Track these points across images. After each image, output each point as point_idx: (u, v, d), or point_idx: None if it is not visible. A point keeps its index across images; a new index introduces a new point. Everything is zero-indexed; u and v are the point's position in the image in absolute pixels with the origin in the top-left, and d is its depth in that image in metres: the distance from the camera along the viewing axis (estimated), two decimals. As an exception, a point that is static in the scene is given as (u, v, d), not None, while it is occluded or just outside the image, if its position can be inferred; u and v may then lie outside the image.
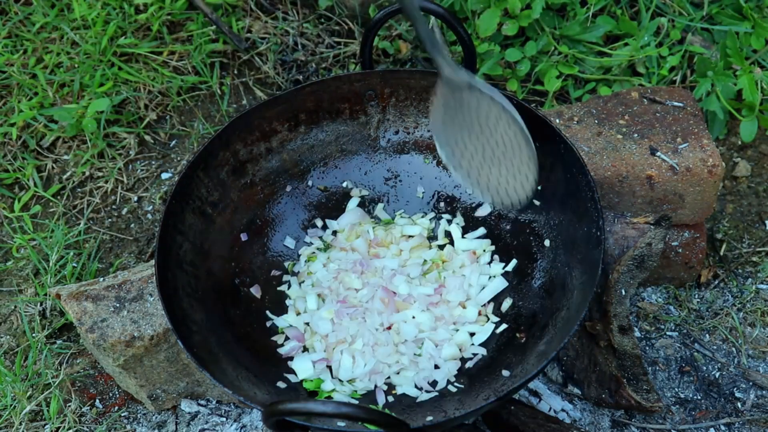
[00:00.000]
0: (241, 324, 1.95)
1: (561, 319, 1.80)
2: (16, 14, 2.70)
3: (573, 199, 1.90)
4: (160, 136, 2.58)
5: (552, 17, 2.49)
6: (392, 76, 2.08)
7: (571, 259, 1.88)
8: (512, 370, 1.80)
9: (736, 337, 2.21)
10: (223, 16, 2.69)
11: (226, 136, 2.00)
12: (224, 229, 2.02)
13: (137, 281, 2.03)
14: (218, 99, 2.62)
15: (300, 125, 2.10)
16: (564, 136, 1.90)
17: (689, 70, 2.47)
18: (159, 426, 2.13)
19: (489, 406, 1.67)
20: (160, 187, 2.49)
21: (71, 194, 2.48)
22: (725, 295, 2.29)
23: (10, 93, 2.60)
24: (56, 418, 2.12)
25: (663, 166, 2.09)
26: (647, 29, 2.44)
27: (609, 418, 2.08)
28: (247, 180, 2.07)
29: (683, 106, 2.20)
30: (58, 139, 2.55)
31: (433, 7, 2.00)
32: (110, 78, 2.55)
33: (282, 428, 1.55)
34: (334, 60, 2.67)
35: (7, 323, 2.30)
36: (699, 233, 2.21)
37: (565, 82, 2.49)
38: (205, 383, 2.11)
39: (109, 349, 1.96)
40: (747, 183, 2.44)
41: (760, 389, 2.12)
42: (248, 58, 2.67)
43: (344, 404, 1.47)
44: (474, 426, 1.97)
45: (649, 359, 2.16)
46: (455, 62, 1.84)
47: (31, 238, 2.38)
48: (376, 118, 2.13)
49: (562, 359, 2.07)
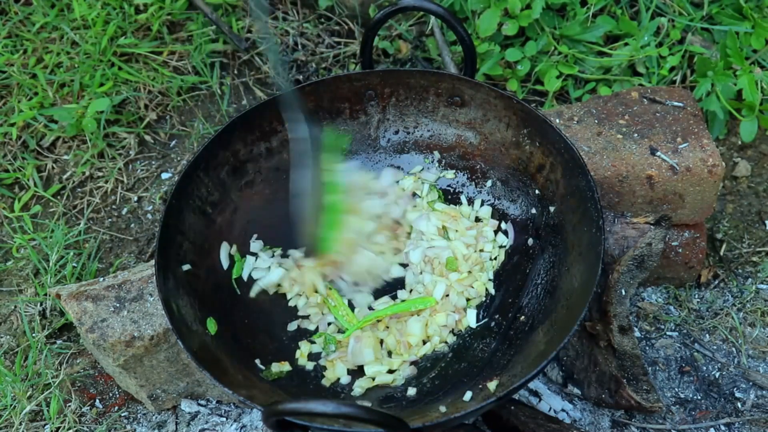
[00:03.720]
0: (241, 324, 1.95)
1: (561, 319, 1.80)
2: (16, 14, 2.70)
3: (573, 199, 1.90)
4: (160, 136, 2.58)
5: (552, 17, 2.49)
6: (392, 76, 2.08)
7: (571, 258, 1.88)
8: (512, 370, 1.80)
9: (736, 337, 2.21)
10: (223, 16, 2.69)
11: (226, 136, 2.00)
12: (224, 229, 2.02)
13: (137, 281, 2.03)
14: (218, 99, 2.62)
15: (300, 125, 2.10)
16: (564, 136, 1.90)
17: (689, 70, 2.47)
18: (159, 426, 2.13)
19: (489, 406, 1.67)
20: (160, 187, 2.49)
21: (71, 194, 2.48)
22: (725, 295, 2.29)
23: (10, 93, 2.60)
24: (56, 418, 2.12)
25: (663, 166, 2.09)
26: (647, 29, 2.44)
27: (609, 418, 2.08)
28: (247, 180, 2.07)
29: (683, 106, 2.20)
30: (58, 139, 2.55)
31: (433, 7, 2.00)
32: (110, 78, 2.55)
33: (282, 428, 1.55)
34: (334, 60, 2.67)
35: (7, 323, 2.30)
36: (699, 233, 2.22)
37: (565, 82, 2.49)
38: (205, 383, 2.11)
39: (109, 349, 1.96)
40: (747, 183, 2.44)
41: (760, 389, 2.12)
42: (248, 58, 2.67)
43: (344, 404, 1.47)
44: (474, 426, 1.97)
45: (649, 359, 2.16)
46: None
47: (31, 238, 2.38)
48: (376, 118, 2.13)
49: (562, 359, 2.07)
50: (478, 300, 1.99)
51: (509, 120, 2.02)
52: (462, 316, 1.96)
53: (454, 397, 1.78)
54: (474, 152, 2.10)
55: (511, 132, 2.03)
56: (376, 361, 1.91)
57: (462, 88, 2.05)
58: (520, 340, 1.86)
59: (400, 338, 1.93)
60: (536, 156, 2.00)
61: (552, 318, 1.84)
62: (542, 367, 1.65)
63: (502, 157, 2.07)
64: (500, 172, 2.07)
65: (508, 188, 2.07)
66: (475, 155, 2.10)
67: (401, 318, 1.96)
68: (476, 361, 1.89)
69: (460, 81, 2.05)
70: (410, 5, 2.04)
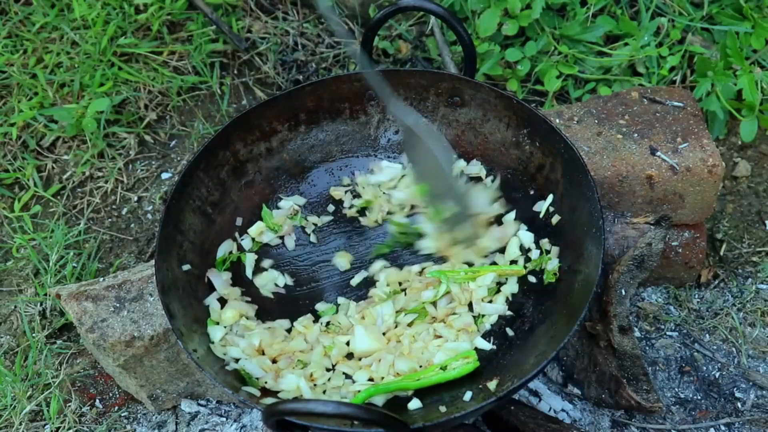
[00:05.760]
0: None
1: (561, 319, 1.80)
2: (16, 14, 2.70)
3: (573, 199, 1.90)
4: (160, 136, 2.58)
5: (552, 17, 2.49)
6: (392, 76, 2.08)
7: (571, 259, 1.88)
8: (512, 370, 1.80)
9: (736, 337, 2.21)
10: (223, 16, 2.69)
11: (226, 136, 2.00)
12: (224, 229, 2.02)
13: (137, 281, 2.03)
14: (218, 99, 2.62)
15: (300, 125, 2.10)
16: (564, 136, 1.90)
17: (689, 70, 2.47)
18: (159, 426, 2.13)
19: (489, 406, 1.66)
20: (160, 187, 2.49)
21: (71, 194, 2.48)
22: (725, 295, 2.29)
23: (10, 93, 2.60)
24: (56, 418, 2.12)
25: (663, 166, 2.09)
26: (647, 29, 2.44)
27: (609, 418, 2.08)
28: (247, 180, 2.07)
29: (683, 106, 2.20)
30: (58, 139, 2.55)
31: (433, 7, 2.00)
32: (110, 78, 2.55)
33: (282, 428, 1.55)
34: (334, 60, 2.67)
35: (7, 323, 2.30)
36: (699, 233, 2.21)
37: (565, 82, 2.49)
38: (205, 383, 2.11)
39: (109, 349, 1.96)
40: (747, 183, 2.44)
41: (760, 389, 2.12)
42: (248, 58, 2.67)
43: (344, 404, 1.47)
44: (474, 426, 1.97)
45: (649, 359, 2.16)
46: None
47: (31, 238, 2.38)
48: (376, 117, 2.13)
49: (562, 359, 2.07)
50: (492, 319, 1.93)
51: (509, 120, 2.02)
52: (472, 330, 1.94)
53: (454, 397, 1.77)
54: (474, 152, 2.10)
55: (511, 132, 2.03)
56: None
57: (462, 88, 2.05)
58: (520, 340, 1.86)
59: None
60: (536, 156, 2.00)
61: (552, 318, 1.84)
62: (542, 367, 1.65)
63: (502, 157, 2.07)
64: (500, 172, 2.07)
65: (508, 188, 2.06)
66: (475, 155, 2.10)
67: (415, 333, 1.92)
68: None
69: (460, 81, 2.05)
70: (410, 5, 2.04)
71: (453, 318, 1.90)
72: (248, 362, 1.79)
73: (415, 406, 1.76)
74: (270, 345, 1.85)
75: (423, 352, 1.85)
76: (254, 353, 1.82)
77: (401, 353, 1.84)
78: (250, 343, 1.83)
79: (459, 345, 1.85)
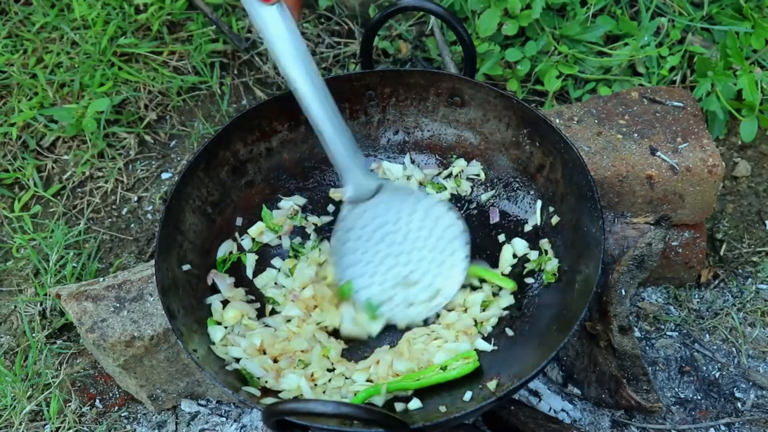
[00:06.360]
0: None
1: (561, 318, 1.80)
2: (16, 14, 2.70)
3: (573, 199, 1.90)
4: (160, 136, 2.58)
5: (552, 17, 2.49)
6: (392, 76, 2.08)
7: (571, 259, 1.88)
8: (512, 370, 1.80)
9: (736, 337, 2.21)
10: (223, 16, 2.69)
11: (226, 136, 2.00)
12: (224, 230, 2.02)
13: (137, 281, 2.03)
14: (218, 99, 2.62)
15: (300, 125, 2.10)
16: (564, 136, 1.90)
17: (689, 70, 2.47)
18: (159, 426, 2.13)
19: (489, 406, 1.67)
20: (160, 187, 2.49)
21: (71, 194, 2.48)
22: (725, 295, 2.29)
23: (10, 93, 2.60)
24: (56, 418, 2.12)
25: (663, 166, 2.09)
26: (647, 29, 2.44)
27: (609, 418, 2.08)
28: (247, 180, 2.07)
29: (683, 106, 2.20)
30: (58, 139, 2.55)
31: (433, 7, 2.00)
32: (110, 78, 2.55)
33: (282, 428, 1.55)
34: (334, 60, 2.67)
35: (7, 323, 2.30)
36: (699, 233, 2.22)
37: (565, 82, 2.49)
38: (205, 383, 2.11)
39: (109, 349, 1.96)
40: (747, 183, 2.44)
41: (760, 389, 2.12)
42: (248, 58, 2.67)
43: (344, 404, 1.47)
44: (474, 426, 1.97)
45: (649, 359, 2.16)
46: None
47: (31, 238, 2.38)
48: (376, 118, 2.13)
49: (562, 359, 2.07)
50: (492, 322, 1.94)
51: (509, 120, 2.02)
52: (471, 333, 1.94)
53: (454, 397, 1.78)
54: (474, 152, 2.10)
55: (511, 132, 2.03)
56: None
57: (462, 88, 2.05)
58: (520, 341, 1.86)
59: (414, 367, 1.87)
60: (536, 156, 1.99)
61: (552, 318, 1.84)
62: (542, 367, 1.65)
63: (502, 157, 2.07)
64: (500, 172, 2.07)
65: (508, 188, 2.07)
66: (475, 155, 2.10)
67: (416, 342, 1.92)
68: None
69: (460, 81, 2.05)
70: (410, 5, 2.04)
71: (453, 321, 1.91)
72: (249, 362, 1.79)
73: (415, 406, 1.76)
74: (271, 345, 1.85)
75: (423, 353, 1.85)
76: (255, 353, 1.83)
77: (400, 354, 1.85)
78: (251, 342, 1.83)
79: (459, 345, 1.85)
